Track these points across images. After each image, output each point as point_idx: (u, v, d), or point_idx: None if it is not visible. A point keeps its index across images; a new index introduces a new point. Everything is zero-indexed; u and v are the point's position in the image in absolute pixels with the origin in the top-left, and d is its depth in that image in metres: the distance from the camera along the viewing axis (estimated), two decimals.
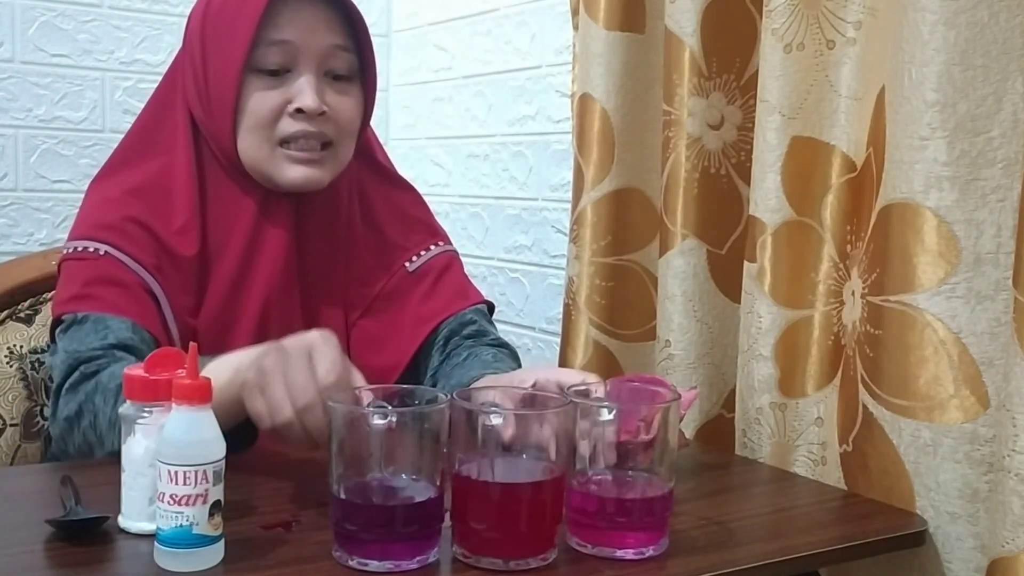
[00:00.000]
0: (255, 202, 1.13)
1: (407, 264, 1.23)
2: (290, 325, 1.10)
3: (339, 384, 0.84)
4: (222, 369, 0.89)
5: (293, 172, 1.11)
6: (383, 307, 1.21)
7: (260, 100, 1.09)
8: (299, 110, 1.09)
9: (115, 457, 0.83)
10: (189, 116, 1.14)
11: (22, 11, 1.87)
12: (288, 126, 1.10)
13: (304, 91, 1.09)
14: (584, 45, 1.36)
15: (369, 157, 1.25)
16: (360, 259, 1.21)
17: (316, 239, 1.17)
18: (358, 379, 0.88)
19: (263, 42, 1.08)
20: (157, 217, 1.11)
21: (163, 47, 1.97)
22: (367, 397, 0.79)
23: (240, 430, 0.91)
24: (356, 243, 1.21)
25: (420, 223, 1.27)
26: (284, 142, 1.10)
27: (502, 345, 1.22)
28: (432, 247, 1.25)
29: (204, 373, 0.77)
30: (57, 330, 1.08)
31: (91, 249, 1.09)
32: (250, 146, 1.10)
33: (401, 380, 1.18)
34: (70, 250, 1.10)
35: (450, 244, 1.28)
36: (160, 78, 1.18)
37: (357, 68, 1.15)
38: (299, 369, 0.85)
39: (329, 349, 0.86)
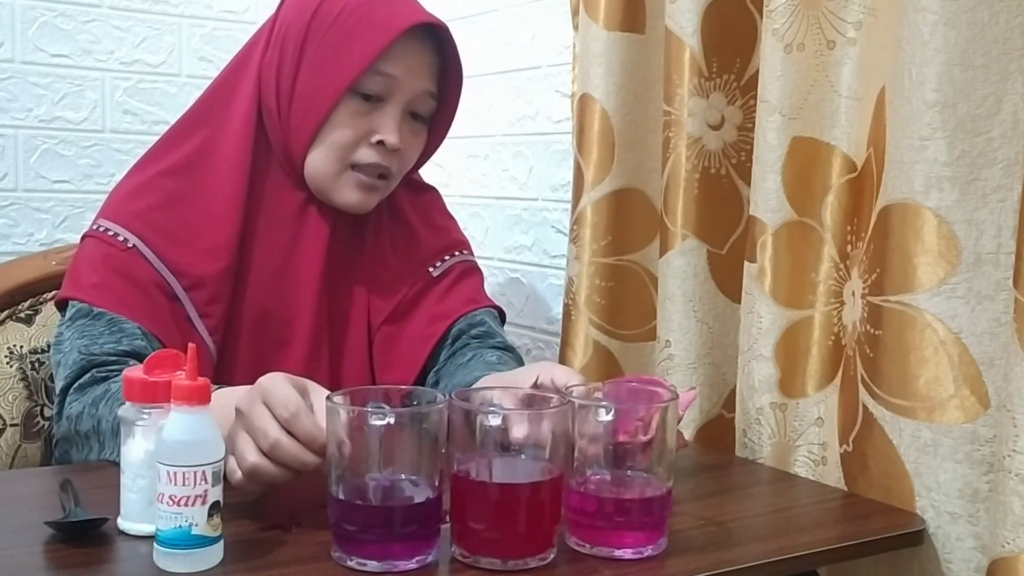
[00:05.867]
0: (301, 202, 1.15)
1: (431, 269, 1.25)
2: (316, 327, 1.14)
3: (298, 415, 0.81)
4: (218, 415, 0.82)
5: (351, 195, 1.14)
6: (405, 311, 1.22)
7: (348, 124, 1.11)
8: (380, 143, 1.12)
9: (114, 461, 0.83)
10: (255, 105, 1.14)
11: (22, 11, 1.87)
12: (364, 154, 1.12)
13: (390, 126, 1.12)
14: (584, 45, 1.36)
15: None
16: (387, 265, 1.22)
17: (344, 246, 1.18)
18: (319, 397, 0.83)
19: (371, 69, 1.10)
20: (195, 202, 1.11)
21: (163, 47, 1.97)
22: (366, 398, 0.79)
23: None
24: (383, 248, 1.22)
25: (447, 232, 1.30)
26: (354, 166, 1.13)
27: (507, 348, 1.22)
28: (456, 254, 1.28)
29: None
30: (67, 313, 1.08)
31: (120, 238, 1.09)
32: (322, 161, 1.12)
33: (416, 381, 1.20)
34: (99, 229, 1.11)
35: (472, 255, 1.31)
36: (159, 77, 1.18)
37: (433, 112, 1.18)
38: (255, 415, 0.82)
39: (278, 387, 0.82)
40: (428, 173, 1.36)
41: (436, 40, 1.15)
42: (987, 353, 0.91)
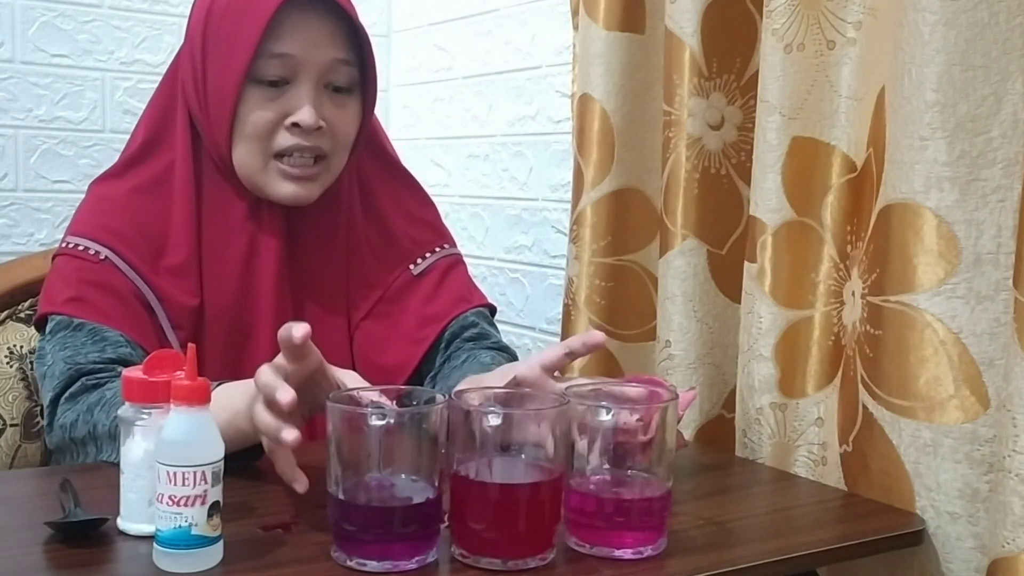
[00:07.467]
0: (248, 206, 1.13)
1: (412, 267, 1.22)
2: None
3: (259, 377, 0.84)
4: (219, 410, 0.83)
5: (284, 188, 1.10)
6: (387, 309, 1.20)
7: (258, 112, 1.08)
8: (296, 124, 1.08)
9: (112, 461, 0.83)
10: (188, 115, 1.13)
11: (22, 11, 1.87)
12: (284, 140, 1.09)
13: (302, 106, 1.08)
14: (584, 45, 1.36)
15: (378, 149, 1.24)
16: (362, 259, 1.20)
17: (312, 242, 1.16)
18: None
19: (264, 54, 1.07)
20: (157, 219, 1.11)
21: (163, 47, 1.97)
22: (366, 397, 0.79)
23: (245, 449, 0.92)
24: (358, 242, 1.20)
25: (426, 224, 1.26)
26: (279, 155, 1.09)
27: (502, 348, 1.22)
28: (437, 249, 1.25)
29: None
30: (46, 328, 1.07)
31: (92, 251, 1.08)
32: (245, 156, 1.10)
33: (406, 382, 1.18)
34: (69, 245, 1.09)
35: (455, 247, 1.28)
36: (160, 78, 1.18)
37: (357, 79, 1.14)
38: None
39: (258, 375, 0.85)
40: (428, 173, 1.36)
41: (336, 7, 1.09)
42: (987, 353, 0.91)
